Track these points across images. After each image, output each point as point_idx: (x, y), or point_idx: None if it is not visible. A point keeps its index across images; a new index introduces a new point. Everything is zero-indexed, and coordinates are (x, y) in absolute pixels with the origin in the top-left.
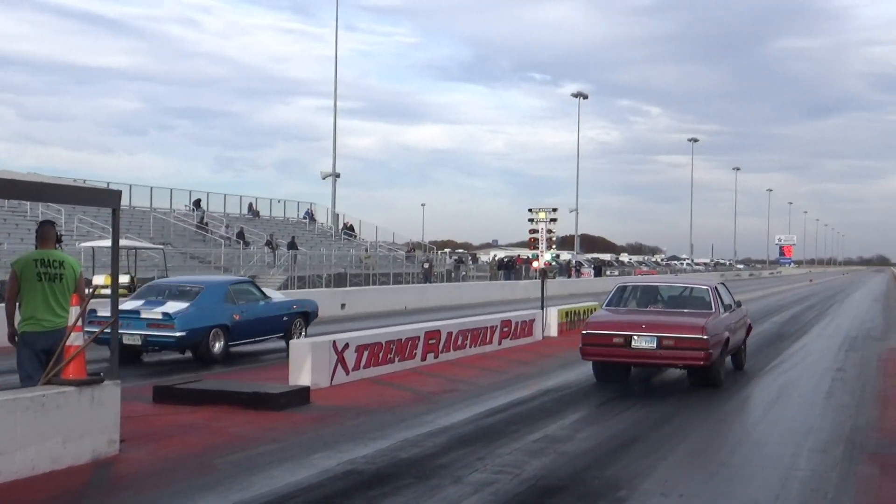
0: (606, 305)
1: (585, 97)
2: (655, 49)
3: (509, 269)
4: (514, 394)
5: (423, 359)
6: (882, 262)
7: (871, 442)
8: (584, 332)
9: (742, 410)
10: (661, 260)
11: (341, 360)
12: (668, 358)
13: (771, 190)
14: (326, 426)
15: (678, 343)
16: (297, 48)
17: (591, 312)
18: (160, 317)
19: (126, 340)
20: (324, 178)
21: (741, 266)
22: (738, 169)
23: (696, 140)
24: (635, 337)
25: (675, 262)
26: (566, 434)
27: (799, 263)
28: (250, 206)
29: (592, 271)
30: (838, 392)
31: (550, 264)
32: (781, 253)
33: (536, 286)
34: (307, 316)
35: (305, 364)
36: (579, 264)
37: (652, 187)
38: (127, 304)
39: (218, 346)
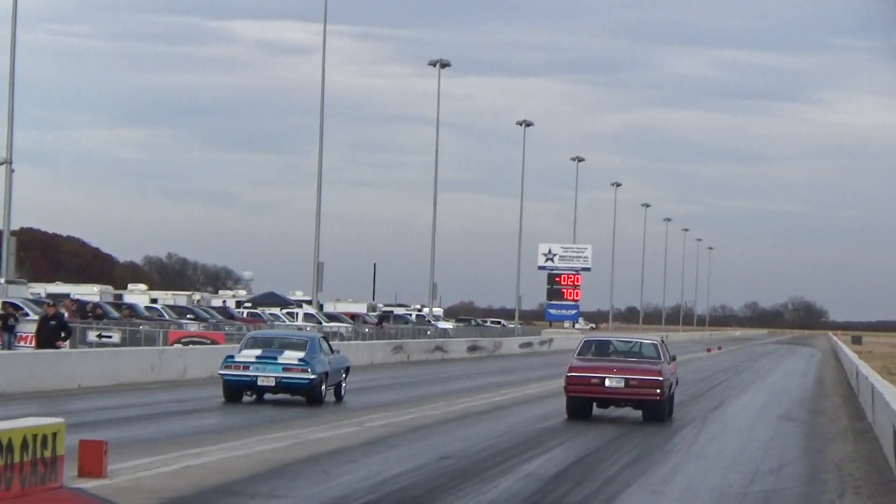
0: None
1: None
2: None
3: None
4: None
5: None
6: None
7: None
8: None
9: None
10: (242, 306)
11: None
12: (631, 394)
13: (530, 123)
14: None
15: (640, 383)
16: None
17: None
18: (296, 361)
19: (260, 382)
20: None
21: (437, 319)
22: (444, 65)
23: None
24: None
25: (271, 310)
26: None
27: (596, 323)
28: None
29: None
30: None
31: None
32: (555, 292)
33: None
34: (348, 370)
35: None
36: None
37: (215, 104)
38: (249, 353)
39: (323, 390)
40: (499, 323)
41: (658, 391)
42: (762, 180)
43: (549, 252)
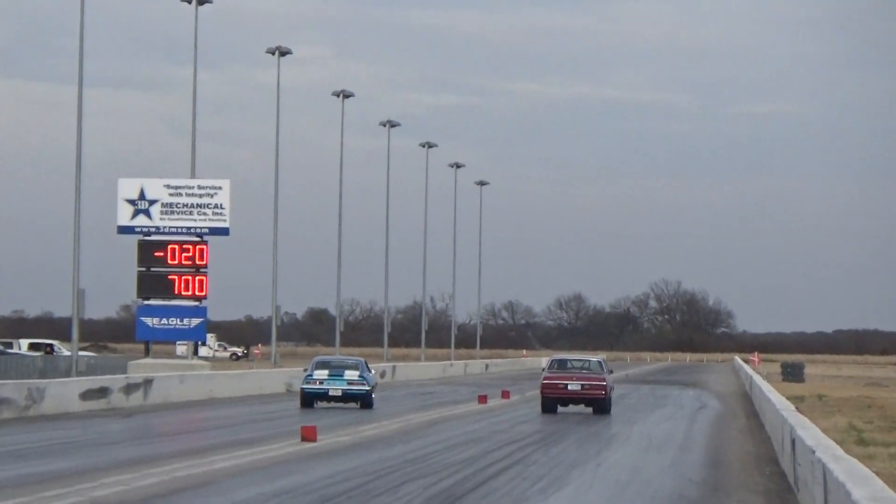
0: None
1: None
2: None
3: None
4: None
5: None
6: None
7: None
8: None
9: None
10: None
11: None
12: (585, 395)
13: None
14: None
15: (591, 387)
16: None
17: None
18: (357, 377)
19: (331, 392)
20: None
21: None
22: None
23: None
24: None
25: None
26: None
27: (246, 346)
28: None
29: None
30: None
31: None
32: (156, 280)
33: None
34: (375, 385)
35: None
36: None
37: None
38: (320, 372)
39: (373, 398)
40: (47, 348)
41: (603, 392)
42: (594, 41)
43: (143, 196)
